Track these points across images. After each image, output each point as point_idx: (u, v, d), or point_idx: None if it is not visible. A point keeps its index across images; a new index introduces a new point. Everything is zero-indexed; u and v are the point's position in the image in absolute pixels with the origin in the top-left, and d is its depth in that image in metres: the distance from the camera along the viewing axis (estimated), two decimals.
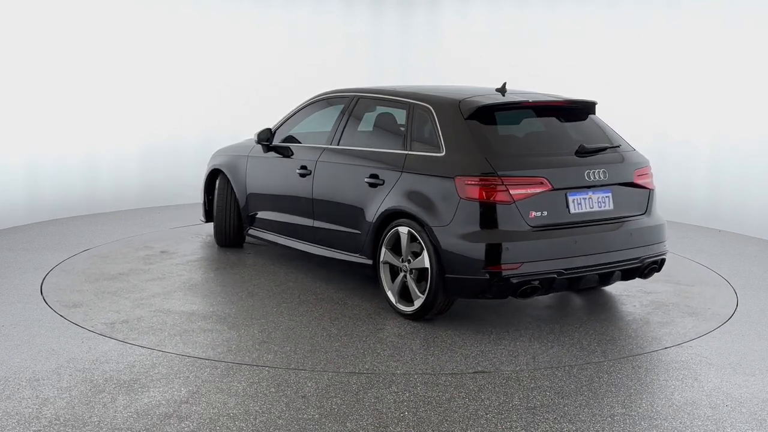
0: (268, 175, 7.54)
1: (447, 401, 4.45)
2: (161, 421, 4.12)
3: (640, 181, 6.05)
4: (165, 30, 10.74)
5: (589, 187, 5.75)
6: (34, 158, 9.48)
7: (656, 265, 6.08)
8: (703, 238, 9.08)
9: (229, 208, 7.95)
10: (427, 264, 5.66)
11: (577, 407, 4.41)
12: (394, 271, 6.02)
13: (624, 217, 5.91)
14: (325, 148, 6.86)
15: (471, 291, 5.56)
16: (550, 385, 4.71)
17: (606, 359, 5.18)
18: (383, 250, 6.04)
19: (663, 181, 10.31)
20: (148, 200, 10.62)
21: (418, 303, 5.79)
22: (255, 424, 4.11)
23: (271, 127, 7.64)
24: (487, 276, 5.40)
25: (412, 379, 4.76)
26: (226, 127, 11.27)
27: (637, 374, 4.92)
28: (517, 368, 4.98)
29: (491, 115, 5.93)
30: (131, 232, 8.82)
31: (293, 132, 7.43)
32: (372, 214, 6.14)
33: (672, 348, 5.40)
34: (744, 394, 4.62)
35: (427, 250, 5.66)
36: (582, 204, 5.72)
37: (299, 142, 7.29)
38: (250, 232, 7.76)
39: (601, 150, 5.95)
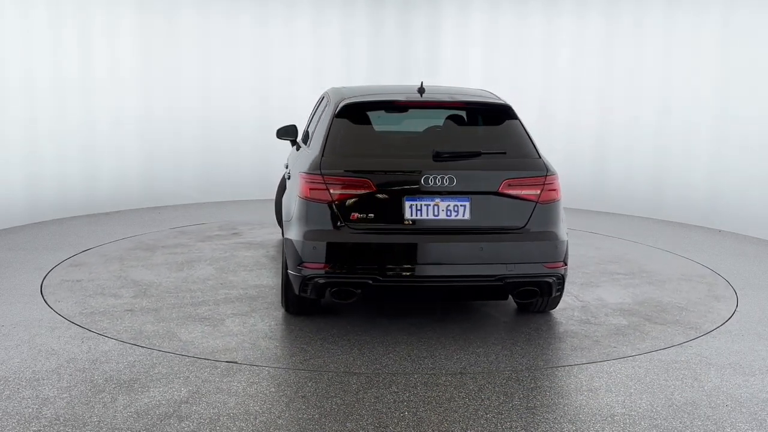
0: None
1: (447, 401, 4.45)
2: (161, 421, 4.12)
3: (513, 192, 5.34)
4: (165, 31, 10.73)
5: (435, 193, 5.28)
6: (34, 158, 9.47)
7: (536, 288, 5.39)
8: (703, 238, 9.08)
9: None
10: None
11: (577, 407, 4.41)
12: None
13: (486, 229, 5.33)
14: (299, 146, 7.10)
15: (296, 288, 5.45)
16: (550, 385, 4.71)
17: (607, 359, 5.18)
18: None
19: (663, 181, 10.34)
20: (148, 200, 10.62)
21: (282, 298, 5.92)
22: (255, 424, 4.11)
23: (295, 124, 7.82)
24: (298, 273, 5.34)
25: (412, 379, 4.76)
26: (227, 128, 11.27)
27: (637, 374, 4.92)
28: (517, 368, 4.98)
29: (358, 114, 5.71)
30: (131, 232, 8.82)
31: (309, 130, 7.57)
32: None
33: (672, 348, 5.40)
34: (744, 394, 4.62)
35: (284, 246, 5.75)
36: (422, 211, 5.28)
37: None
38: None
39: (463, 155, 5.41)
